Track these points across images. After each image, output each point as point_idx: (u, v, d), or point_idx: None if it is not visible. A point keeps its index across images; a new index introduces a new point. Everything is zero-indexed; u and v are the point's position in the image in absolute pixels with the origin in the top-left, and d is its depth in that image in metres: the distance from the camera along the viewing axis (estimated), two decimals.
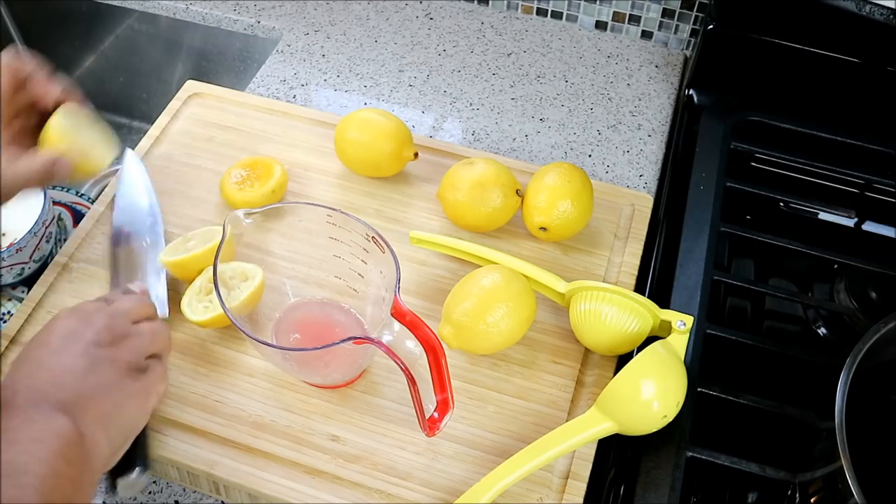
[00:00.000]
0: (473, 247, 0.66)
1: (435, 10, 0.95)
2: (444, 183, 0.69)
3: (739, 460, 0.55)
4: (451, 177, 0.68)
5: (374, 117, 0.71)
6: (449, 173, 0.69)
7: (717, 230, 0.69)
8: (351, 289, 0.61)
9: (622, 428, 0.55)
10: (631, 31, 0.92)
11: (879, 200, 0.76)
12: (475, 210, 0.67)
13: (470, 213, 0.67)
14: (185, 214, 0.71)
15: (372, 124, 0.71)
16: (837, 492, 0.48)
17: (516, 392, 0.60)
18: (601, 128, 0.83)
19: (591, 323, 0.59)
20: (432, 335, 0.51)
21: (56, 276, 0.67)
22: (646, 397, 0.53)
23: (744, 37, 0.78)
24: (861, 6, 0.72)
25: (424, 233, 0.68)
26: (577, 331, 0.61)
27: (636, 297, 0.59)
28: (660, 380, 0.54)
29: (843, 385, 0.50)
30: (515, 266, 0.63)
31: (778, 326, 0.71)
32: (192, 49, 1.03)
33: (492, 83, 0.87)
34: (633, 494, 0.54)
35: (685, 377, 0.55)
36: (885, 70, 0.75)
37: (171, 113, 0.79)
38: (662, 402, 0.53)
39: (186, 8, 0.97)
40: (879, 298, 0.68)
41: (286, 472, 0.56)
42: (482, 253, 0.65)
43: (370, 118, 0.71)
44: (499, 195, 0.66)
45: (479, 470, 0.56)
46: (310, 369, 0.59)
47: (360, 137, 0.71)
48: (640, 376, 0.54)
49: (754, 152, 0.77)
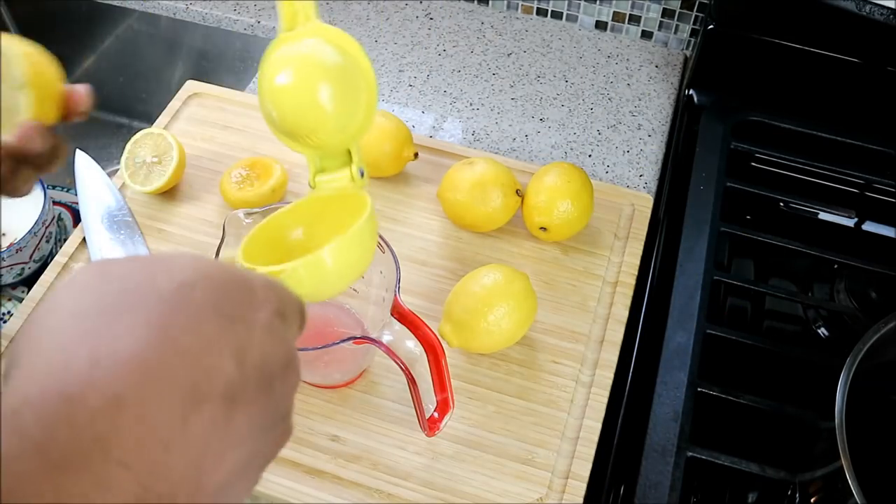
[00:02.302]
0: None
1: (435, 10, 0.95)
2: (444, 183, 0.69)
3: (739, 460, 0.55)
4: (451, 177, 0.68)
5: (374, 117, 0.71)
6: (449, 173, 0.69)
7: (717, 230, 0.69)
8: (351, 289, 0.61)
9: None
10: (631, 31, 0.92)
11: (879, 200, 0.76)
12: (475, 210, 0.67)
13: (470, 213, 0.67)
14: (185, 214, 0.71)
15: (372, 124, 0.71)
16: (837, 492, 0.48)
17: (516, 392, 0.60)
18: (601, 128, 0.83)
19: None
20: (432, 335, 0.51)
21: (56, 276, 0.67)
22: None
23: (744, 37, 0.78)
24: (861, 6, 0.72)
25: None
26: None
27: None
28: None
29: (843, 385, 0.50)
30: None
31: (778, 326, 0.71)
32: (192, 49, 1.03)
33: (492, 83, 0.87)
34: (633, 494, 0.54)
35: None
36: (885, 70, 0.75)
37: (171, 113, 0.79)
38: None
39: (186, 8, 0.97)
40: (879, 298, 0.68)
41: (286, 472, 0.56)
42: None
43: None
44: (499, 195, 0.66)
45: (479, 470, 0.56)
46: (310, 369, 0.59)
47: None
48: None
49: (754, 152, 0.77)
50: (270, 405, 0.29)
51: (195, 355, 0.26)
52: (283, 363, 0.30)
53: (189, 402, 0.25)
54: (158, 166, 0.70)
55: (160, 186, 0.70)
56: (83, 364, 0.25)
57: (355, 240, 0.43)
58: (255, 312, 0.29)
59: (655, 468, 0.55)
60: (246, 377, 0.27)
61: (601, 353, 0.63)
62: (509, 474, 0.56)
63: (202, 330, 0.27)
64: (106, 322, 0.26)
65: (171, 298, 0.27)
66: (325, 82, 0.45)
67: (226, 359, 0.27)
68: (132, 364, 0.25)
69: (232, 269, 0.30)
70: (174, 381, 0.25)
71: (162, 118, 0.78)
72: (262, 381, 0.28)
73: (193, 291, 0.28)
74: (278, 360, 0.30)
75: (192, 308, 0.27)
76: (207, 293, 0.28)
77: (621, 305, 0.65)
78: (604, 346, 0.63)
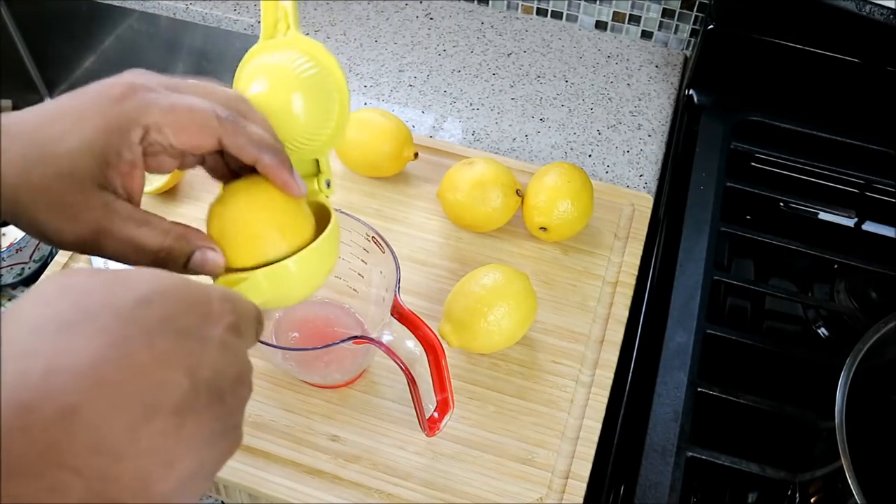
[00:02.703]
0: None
1: (435, 10, 0.95)
2: (444, 183, 0.69)
3: (739, 460, 0.55)
4: (451, 177, 0.68)
5: (374, 117, 0.71)
6: (449, 173, 0.69)
7: (717, 230, 0.69)
8: (351, 289, 0.61)
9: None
10: (631, 31, 0.92)
11: (879, 200, 0.76)
12: (475, 210, 0.67)
13: (470, 213, 0.67)
14: (185, 214, 0.71)
15: (372, 124, 0.71)
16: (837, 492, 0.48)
17: (516, 392, 0.60)
18: (601, 128, 0.83)
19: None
20: (432, 335, 0.51)
21: None
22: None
23: (744, 37, 0.78)
24: (861, 6, 0.72)
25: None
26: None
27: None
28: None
29: (843, 385, 0.50)
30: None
31: (778, 326, 0.71)
32: (192, 49, 1.02)
33: (492, 83, 0.87)
34: (633, 494, 0.54)
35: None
36: (885, 70, 0.75)
37: None
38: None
39: (186, 8, 0.97)
40: (879, 298, 0.68)
41: (286, 472, 0.56)
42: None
43: (370, 118, 0.71)
44: (499, 195, 0.66)
45: (479, 470, 0.56)
46: (310, 369, 0.59)
47: (360, 137, 0.71)
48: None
49: (754, 152, 0.77)
50: (220, 417, 0.30)
51: (148, 370, 0.28)
52: (235, 378, 0.31)
53: (141, 414, 0.27)
54: None
55: (160, 186, 0.70)
56: (39, 374, 0.26)
57: (317, 252, 0.43)
58: (210, 328, 0.31)
59: (655, 468, 0.55)
60: (197, 392, 0.29)
61: (601, 353, 0.63)
62: (509, 474, 0.56)
63: (156, 345, 0.28)
64: (64, 336, 0.27)
65: (128, 314, 0.28)
66: (299, 94, 0.46)
67: (178, 374, 0.28)
68: (87, 376, 0.26)
69: (190, 284, 0.31)
70: (127, 393, 0.27)
71: None
72: (213, 394, 0.30)
73: (150, 307, 0.29)
74: (230, 375, 0.31)
75: (147, 324, 0.28)
76: (163, 309, 0.29)
77: (621, 305, 0.65)
78: (604, 346, 0.63)
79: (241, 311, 0.33)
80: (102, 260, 0.66)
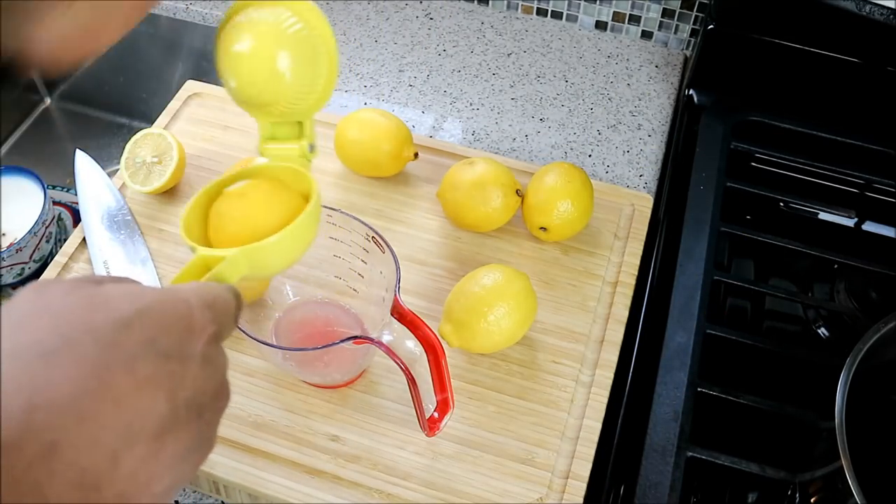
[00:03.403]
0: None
1: (435, 10, 0.95)
2: (444, 183, 0.69)
3: (739, 460, 0.55)
4: (451, 177, 0.68)
5: (374, 117, 0.71)
6: (449, 173, 0.69)
7: (717, 230, 0.69)
8: (351, 289, 0.61)
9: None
10: (631, 31, 0.92)
11: (879, 200, 0.76)
12: (475, 210, 0.67)
13: (470, 213, 0.67)
14: None
15: (372, 124, 0.71)
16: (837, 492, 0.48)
17: (516, 392, 0.60)
18: (601, 128, 0.83)
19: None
20: (432, 335, 0.51)
21: (56, 276, 0.67)
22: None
23: (744, 37, 0.78)
24: (861, 6, 0.72)
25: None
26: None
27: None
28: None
29: (843, 385, 0.50)
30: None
31: (778, 326, 0.71)
32: (192, 49, 1.02)
33: (492, 83, 0.87)
34: (633, 494, 0.54)
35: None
36: (885, 70, 0.75)
37: (171, 113, 0.78)
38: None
39: (186, 8, 0.97)
40: (879, 298, 0.68)
41: (286, 472, 0.56)
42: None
43: (370, 118, 0.71)
44: (499, 195, 0.66)
45: (479, 470, 0.56)
46: (310, 369, 0.59)
47: (360, 137, 0.71)
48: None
49: (754, 152, 0.77)
50: (198, 432, 0.30)
51: (129, 398, 0.27)
52: (215, 392, 0.32)
53: (121, 442, 0.27)
54: (158, 166, 0.70)
55: (160, 186, 0.70)
56: (21, 410, 0.25)
57: (300, 228, 0.43)
58: (192, 345, 0.31)
59: (655, 468, 0.55)
60: (177, 413, 0.29)
61: (601, 353, 0.63)
62: (509, 474, 0.56)
63: (137, 371, 0.28)
64: (42, 365, 0.27)
65: (108, 339, 0.28)
66: (285, 51, 0.44)
67: (159, 399, 0.28)
68: (68, 412, 0.26)
69: (170, 298, 0.31)
70: (108, 424, 0.27)
71: (162, 118, 0.78)
72: (193, 412, 0.30)
73: (130, 331, 0.29)
74: (210, 390, 0.31)
75: (128, 349, 0.28)
76: (144, 331, 0.29)
77: (621, 305, 0.65)
78: (604, 346, 0.63)
79: (223, 317, 0.33)
80: (103, 262, 0.67)
